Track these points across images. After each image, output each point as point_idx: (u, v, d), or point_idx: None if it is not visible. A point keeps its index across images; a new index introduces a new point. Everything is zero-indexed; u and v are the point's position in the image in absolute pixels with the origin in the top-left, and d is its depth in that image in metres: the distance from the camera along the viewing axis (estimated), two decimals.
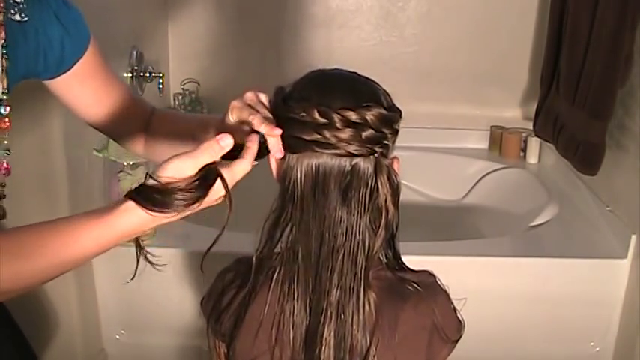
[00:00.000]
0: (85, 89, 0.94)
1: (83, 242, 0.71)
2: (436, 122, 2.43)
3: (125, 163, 1.62)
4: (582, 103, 1.79)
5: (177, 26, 2.41)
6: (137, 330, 1.78)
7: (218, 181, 0.72)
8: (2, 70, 0.80)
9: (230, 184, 0.74)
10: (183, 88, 2.37)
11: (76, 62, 0.91)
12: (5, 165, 0.87)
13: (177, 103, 2.36)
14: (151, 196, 0.70)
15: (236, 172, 0.75)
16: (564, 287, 1.71)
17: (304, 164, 0.79)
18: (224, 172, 0.73)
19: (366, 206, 0.80)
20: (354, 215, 0.80)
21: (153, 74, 2.02)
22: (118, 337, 1.77)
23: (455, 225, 2.31)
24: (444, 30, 2.38)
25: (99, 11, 1.71)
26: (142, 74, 1.99)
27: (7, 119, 0.83)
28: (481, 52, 2.39)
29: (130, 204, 0.70)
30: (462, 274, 1.65)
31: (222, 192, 0.74)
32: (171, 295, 1.69)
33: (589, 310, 1.73)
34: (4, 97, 0.82)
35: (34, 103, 1.34)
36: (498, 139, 2.42)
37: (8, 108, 0.83)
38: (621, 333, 1.72)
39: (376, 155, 0.79)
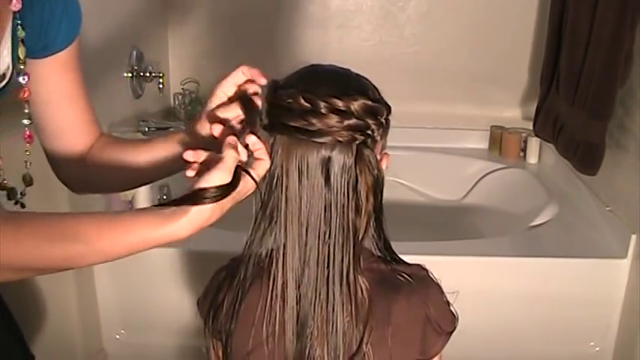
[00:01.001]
0: (64, 79, 0.91)
1: (134, 237, 0.75)
2: (436, 122, 2.43)
3: None
4: (582, 103, 1.79)
5: (177, 26, 2.41)
6: (137, 330, 1.78)
7: (247, 177, 0.78)
8: (20, 40, 0.81)
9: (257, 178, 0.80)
10: (183, 88, 2.37)
11: (67, 46, 0.90)
12: (27, 133, 0.88)
13: (177, 103, 2.36)
14: (194, 197, 0.75)
15: (259, 170, 0.80)
16: (564, 287, 1.71)
17: (290, 151, 0.81)
18: (250, 170, 0.79)
19: (348, 193, 0.82)
20: (337, 201, 0.82)
21: (153, 74, 2.02)
22: (118, 337, 1.77)
23: (455, 225, 2.31)
24: (444, 30, 2.38)
25: (99, 11, 1.71)
26: (142, 74, 1.99)
27: (26, 88, 0.84)
28: (481, 52, 2.39)
29: (187, 212, 0.74)
30: (462, 274, 1.65)
31: (252, 185, 0.79)
32: (170, 295, 1.69)
33: (589, 310, 1.73)
34: (22, 66, 0.82)
35: None
36: (498, 139, 2.42)
37: (27, 77, 0.84)
38: (621, 333, 1.72)
39: (357, 143, 0.81)
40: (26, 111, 0.87)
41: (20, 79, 0.83)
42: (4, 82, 0.83)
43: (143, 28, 2.15)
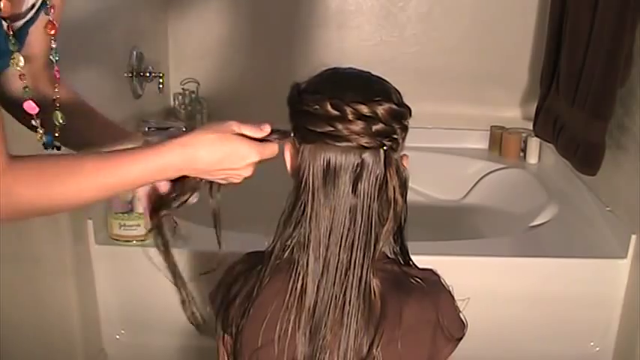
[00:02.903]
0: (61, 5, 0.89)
1: (131, 170, 0.77)
2: (436, 122, 2.42)
3: None
4: (582, 103, 1.79)
5: (177, 26, 2.41)
6: (137, 330, 1.77)
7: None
8: None
9: (260, 156, 0.83)
10: (183, 88, 2.37)
11: None
12: (56, 68, 0.88)
13: (177, 103, 2.36)
14: None
15: (266, 151, 0.83)
16: (564, 287, 1.71)
17: (317, 156, 0.82)
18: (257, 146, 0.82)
19: (375, 197, 0.83)
20: (362, 206, 0.82)
21: (153, 74, 2.02)
22: (118, 337, 1.77)
23: (455, 225, 2.31)
24: (444, 30, 2.38)
25: (99, 11, 1.71)
26: (141, 74, 1.99)
27: (53, 23, 0.84)
28: (481, 52, 2.38)
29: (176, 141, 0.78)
30: (462, 274, 1.63)
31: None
32: (171, 295, 1.69)
33: (589, 310, 1.73)
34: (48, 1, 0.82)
35: None
36: (498, 139, 2.42)
37: (52, 10, 0.83)
38: (621, 333, 1.72)
39: (385, 148, 0.82)
40: (53, 46, 0.86)
41: (44, 12, 0.83)
42: (32, 12, 0.81)
43: (143, 28, 2.15)
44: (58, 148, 0.89)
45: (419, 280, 0.87)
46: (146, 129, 2.01)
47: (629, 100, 1.74)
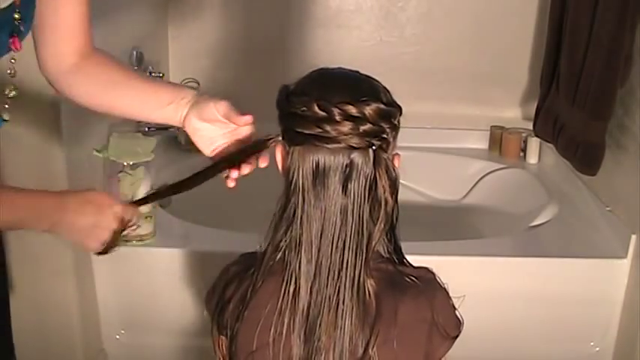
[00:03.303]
0: None
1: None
2: (436, 122, 2.43)
3: (125, 163, 1.61)
4: (582, 103, 1.79)
5: (177, 26, 2.41)
6: (137, 330, 1.77)
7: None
8: None
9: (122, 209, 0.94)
10: None
11: None
12: (17, 42, 0.90)
13: None
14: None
15: (128, 209, 0.94)
16: (564, 287, 1.71)
17: (306, 158, 0.82)
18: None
19: (365, 198, 0.82)
20: (353, 206, 0.82)
21: (153, 74, 2.02)
22: (118, 337, 1.77)
23: (455, 225, 2.31)
24: (444, 30, 2.38)
25: (99, 11, 1.71)
26: None
27: None
28: (481, 52, 2.38)
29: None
30: (462, 274, 1.64)
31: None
32: (171, 294, 1.69)
33: (589, 310, 1.73)
34: None
35: (35, 104, 1.34)
36: (498, 139, 2.42)
37: None
38: (621, 333, 1.72)
39: (374, 148, 0.81)
40: (16, 16, 0.87)
41: None
42: None
43: (143, 28, 2.15)
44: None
45: (414, 279, 0.87)
46: (146, 129, 2.01)
47: (629, 100, 1.74)
